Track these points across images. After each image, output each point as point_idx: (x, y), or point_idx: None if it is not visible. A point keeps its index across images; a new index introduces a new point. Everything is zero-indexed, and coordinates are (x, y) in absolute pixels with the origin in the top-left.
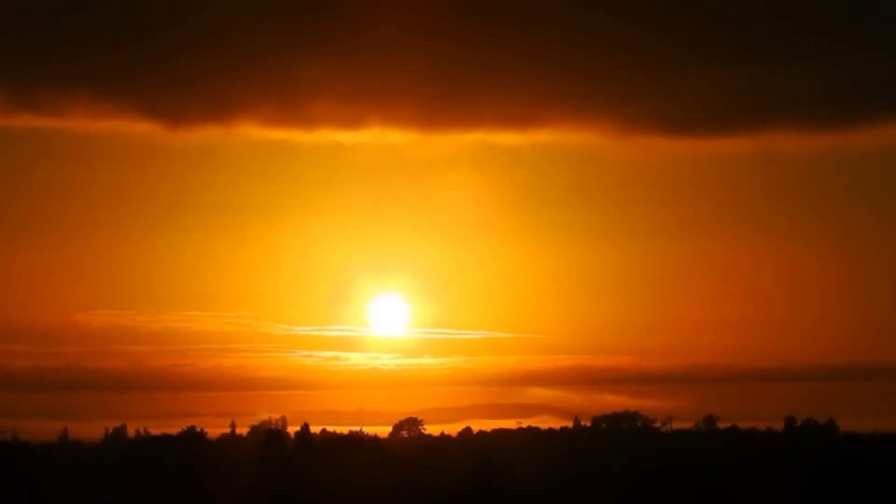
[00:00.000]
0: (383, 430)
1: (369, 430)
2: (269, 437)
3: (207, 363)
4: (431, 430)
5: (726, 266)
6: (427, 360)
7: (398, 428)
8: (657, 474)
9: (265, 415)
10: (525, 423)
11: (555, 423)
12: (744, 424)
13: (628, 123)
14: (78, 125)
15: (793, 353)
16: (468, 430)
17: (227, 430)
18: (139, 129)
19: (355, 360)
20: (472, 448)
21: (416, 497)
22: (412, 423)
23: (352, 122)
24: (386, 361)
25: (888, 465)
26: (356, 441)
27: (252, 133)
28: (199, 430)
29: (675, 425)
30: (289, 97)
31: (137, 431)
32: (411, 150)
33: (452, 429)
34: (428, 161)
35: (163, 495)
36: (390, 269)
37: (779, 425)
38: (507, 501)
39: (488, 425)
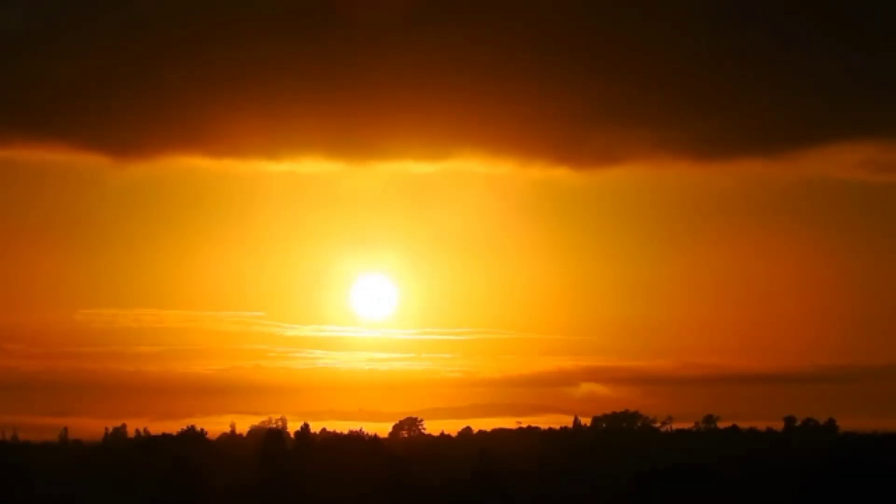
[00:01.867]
0: (383, 430)
1: (369, 429)
2: (269, 437)
3: (207, 363)
4: (431, 429)
5: (726, 269)
6: (427, 360)
7: (398, 428)
8: (657, 474)
9: (265, 415)
10: (525, 423)
11: (555, 422)
12: (744, 424)
13: (529, 155)
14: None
15: (793, 353)
16: (468, 429)
17: (227, 430)
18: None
19: (355, 360)
20: (472, 448)
21: (416, 497)
22: (412, 422)
23: (279, 153)
24: (386, 361)
25: (888, 465)
26: (356, 441)
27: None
28: (199, 430)
29: (675, 425)
30: (223, 131)
31: (137, 431)
32: (339, 178)
33: (452, 429)
34: (356, 187)
35: (163, 495)
36: (389, 269)
37: (779, 425)
38: (506, 501)
39: (488, 425)
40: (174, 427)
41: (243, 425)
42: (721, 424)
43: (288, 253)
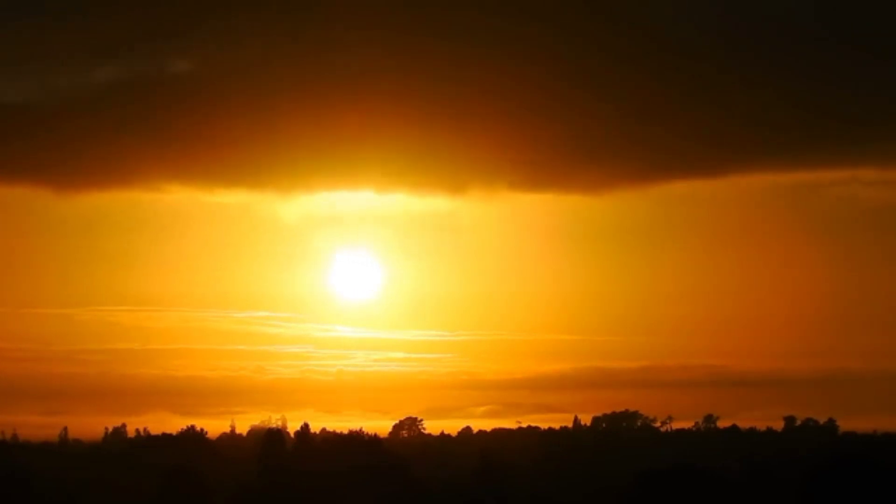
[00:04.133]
0: (383, 430)
1: (369, 429)
2: (269, 437)
3: (207, 363)
4: (431, 429)
5: (727, 270)
6: (427, 361)
7: (398, 428)
8: (657, 474)
9: (265, 415)
10: (525, 423)
11: (555, 422)
12: (744, 424)
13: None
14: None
15: (793, 354)
16: (468, 429)
17: (227, 430)
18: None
19: (356, 359)
20: (472, 448)
21: (416, 497)
22: (412, 422)
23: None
24: (386, 361)
25: (888, 465)
26: (356, 441)
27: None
28: (199, 430)
29: (675, 425)
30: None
31: (137, 431)
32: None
33: (452, 429)
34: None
35: (162, 495)
36: (389, 268)
37: (779, 425)
38: (506, 501)
39: (488, 425)
40: (174, 427)
41: (243, 425)
42: (721, 424)
43: (291, 253)
